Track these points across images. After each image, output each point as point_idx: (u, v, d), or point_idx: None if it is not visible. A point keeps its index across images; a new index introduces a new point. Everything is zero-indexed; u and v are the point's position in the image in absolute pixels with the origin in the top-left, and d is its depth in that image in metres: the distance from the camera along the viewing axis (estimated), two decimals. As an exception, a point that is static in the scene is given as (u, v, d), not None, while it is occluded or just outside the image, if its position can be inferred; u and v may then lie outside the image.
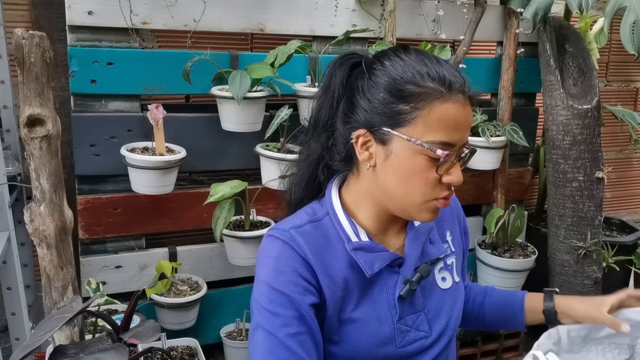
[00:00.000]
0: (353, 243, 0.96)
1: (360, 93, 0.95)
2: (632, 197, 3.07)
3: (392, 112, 0.91)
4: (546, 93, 2.03)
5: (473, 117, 0.93)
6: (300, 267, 0.93)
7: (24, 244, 1.82)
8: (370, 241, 0.98)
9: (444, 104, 0.89)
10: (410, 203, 0.93)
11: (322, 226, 0.98)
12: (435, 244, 1.05)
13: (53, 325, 1.03)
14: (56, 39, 1.75)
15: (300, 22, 1.80)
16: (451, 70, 0.93)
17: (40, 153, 1.09)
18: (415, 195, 0.92)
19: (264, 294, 0.94)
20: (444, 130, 0.89)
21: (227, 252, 1.70)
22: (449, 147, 0.89)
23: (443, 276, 1.06)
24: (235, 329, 1.82)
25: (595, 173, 1.97)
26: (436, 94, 0.89)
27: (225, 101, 1.63)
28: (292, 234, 0.95)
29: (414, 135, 0.89)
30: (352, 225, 0.98)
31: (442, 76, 0.91)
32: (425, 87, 0.90)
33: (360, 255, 0.96)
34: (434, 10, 1.95)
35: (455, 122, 0.90)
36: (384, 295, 0.98)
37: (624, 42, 1.83)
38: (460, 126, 0.91)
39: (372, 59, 0.97)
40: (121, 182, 1.68)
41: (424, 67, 0.92)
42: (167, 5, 1.60)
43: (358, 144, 0.94)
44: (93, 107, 1.64)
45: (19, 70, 1.06)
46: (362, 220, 1.00)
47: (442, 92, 0.89)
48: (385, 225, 1.01)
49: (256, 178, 1.79)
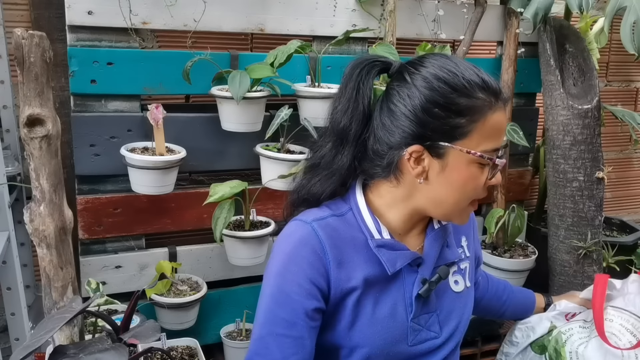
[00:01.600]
0: (376, 240, 0.98)
1: (405, 108, 0.94)
2: (632, 197, 3.07)
3: (449, 126, 0.92)
4: (546, 93, 2.03)
5: None
6: (310, 268, 0.94)
7: (24, 244, 1.82)
8: (392, 239, 0.99)
9: (495, 113, 0.93)
10: (458, 209, 0.97)
11: (346, 221, 0.99)
12: (451, 248, 1.07)
13: (53, 326, 1.03)
14: (56, 39, 1.75)
15: (300, 22, 1.80)
16: (487, 74, 0.95)
17: (40, 153, 1.09)
18: (464, 200, 0.97)
19: (269, 284, 0.97)
20: (495, 137, 0.93)
21: (227, 252, 1.70)
22: (495, 153, 0.94)
23: (456, 279, 1.08)
24: (235, 329, 1.82)
25: (595, 173, 1.96)
26: (488, 105, 0.92)
27: (225, 101, 1.63)
28: (313, 227, 0.96)
29: (470, 146, 0.92)
30: (376, 222, 0.99)
31: (488, 84, 0.93)
32: (477, 99, 0.92)
33: (383, 252, 0.97)
34: (434, 10, 1.95)
35: (502, 128, 0.95)
36: (401, 293, 1.00)
37: (624, 42, 1.83)
38: (503, 132, 0.96)
39: (410, 68, 0.96)
40: (121, 182, 1.67)
41: (468, 77, 0.92)
42: (167, 5, 1.60)
43: (411, 160, 0.95)
44: (93, 107, 1.63)
45: (19, 70, 1.05)
46: (390, 220, 1.01)
47: (491, 101, 0.92)
48: (412, 226, 1.04)
49: (256, 178, 1.79)
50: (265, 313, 0.96)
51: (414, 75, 0.94)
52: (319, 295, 0.94)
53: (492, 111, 0.92)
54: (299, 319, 0.93)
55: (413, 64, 0.97)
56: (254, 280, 1.88)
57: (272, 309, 0.95)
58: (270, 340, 0.93)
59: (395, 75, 0.99)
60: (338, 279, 0.95)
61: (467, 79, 0.92)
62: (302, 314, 0.93)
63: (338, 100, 1.00)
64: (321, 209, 1.01)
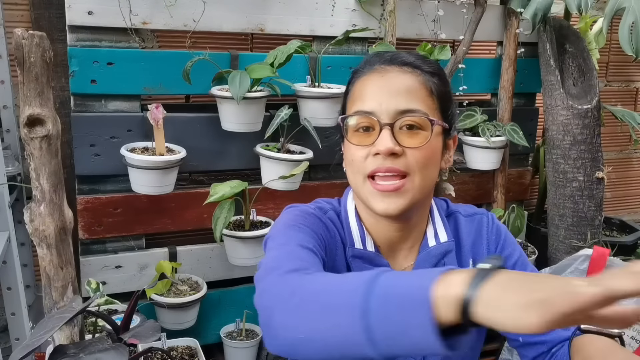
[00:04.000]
0: (355, 249, 0.92)
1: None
2: (632, 197, 3.07)
3: (342, 106, 0.97)
4: (546, 93, 2.03)
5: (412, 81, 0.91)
6: (319, 225, 0.90)
7: (24, 244, 1.82)
8: (374, 252, 0.93)
9: (359, 79, 0.92)
10: (356, 185, 0.90)
11: (339, 220, 0.97)
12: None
13: (53, 325, 1.03)
14: (56, 39, 1.75)
15: (300, 22, 1.80)
16: (386, 52, 0.95)
17: (40, 153, 1.09)
18: (357, 175, 0.89)
19: (279, 228, 0.89)
20: (358, 100, 0.90)
21: (227, 252, 1.70)
22: (368, 117, 0.87)
23: None
24: (235, 329, 1.82)
25: (595, 173, 1.97)
26: (355, 75, 0.93)
27: (225, 101, 1.63)
28: (316, 212, 0.94)
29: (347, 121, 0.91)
30: (361, 229, 0.94)
31: (367, 58, 0.94)
32: (352, 75, 0.95)
33: (357, 264, 0.92)
34: (434, 10, 1.95)
35: (369, 91, 0.89)
36: None
37: (622, 43, 1.83)
38: (375, 93, 0.88)
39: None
40: (121, 182, 1.68)
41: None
42: (167, 5, 1.60)
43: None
44: (93, 107, 1.64)
45: (19, 70, 1.06)
46: (367, 225, 0.95)
47: (357, 70, 0.93)
48: (390, 238, 0.95)
49: (256, 178, 1.79)
50: (281, 235, 0.87)
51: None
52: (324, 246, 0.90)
53: (357, 79, 0.92)
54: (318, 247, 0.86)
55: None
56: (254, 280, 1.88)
57: (288, 233, 0.86)
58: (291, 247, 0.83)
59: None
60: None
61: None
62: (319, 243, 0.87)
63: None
64: (322, 202, 0.99)
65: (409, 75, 0.89)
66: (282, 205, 1.85)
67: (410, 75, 0.89)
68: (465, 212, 1.03)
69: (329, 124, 1.73)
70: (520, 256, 1.01)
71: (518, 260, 1.00)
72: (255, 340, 1.77)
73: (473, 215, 1.02)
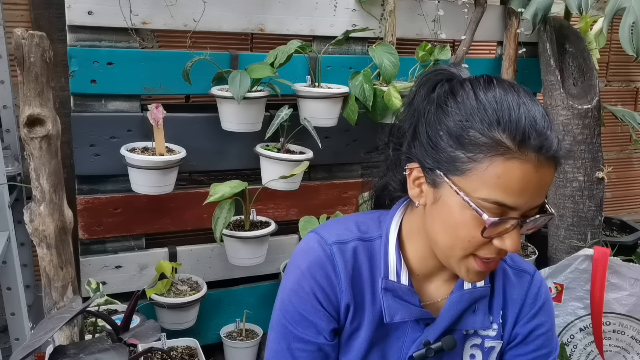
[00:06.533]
0: (388, 282, 0.89)
1: (423, 123, 0.84)
2: (632, 197, 3.07)
3: (448, 156, 0.79)
4: (546, 93, 2.03)
5: (553, 177, 0.80)
6: (321, 293, 0.89)
7: (24, 244, 1.82)
8: (407, 286, 0.89)
9: (508, 162, 0.74)
10: (451, 255, 0.83)
11: (371, 248, 0.91)
12: (478, 315, 0.92)
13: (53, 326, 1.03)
14: (56, 39, 1.74)
15: (300, 22, 1.80)
16: (535, 118, 0.76)
17: (40, 153, 1.09)
18: (458, 249, 0.81)
19: (282, 298, 0.92)
20: (502, 190, 0.75)
21: (227, 252, 1.70)
22: (507, 210, 0.77)
23: (473, 353, 0.94)
24: (235, 329, 1.82)
25: (595, 173, 1.96)
26: (501, 149, 0.75)
27: (225, 101, 1.63)
28: (332, 250, 0.89)
29: (466, 188, 0.77)
30: (399, 260, 0.90)
31: (516, 127, 0.75)
32: (490, 138, 0.75)
33: (388, 297, 0.89)
34: (434, 10, 1.95)
35: (520, 185, 0.75)
36: (398, 345, 0.92)
37: (623, 43, 1.83)
38: (526, 190, 0.76)
39: (449, 88, 0.84)
40: (121, 182, 1.67)
41: (498, 112, 0.76)
42: (167, 5, 1.60)
43: (411, 177, 0.86)
44: (93, 107, 1.63)
45: (19, 70, 1.06)
46: (410, 256, 0.91)
47: (508, 147, 0.74)
48: (431, 271, 0.92)
49: (256, 178, 1.79)
50: (280, 327, 0.91)
51: (447, 96, 0.82)
52: (331, 315, 0.90)
53: (505, 158, 0.74)
54: (315, 337, 0.89)
55: (455, 86, 0.83)
56: (254, 280, 1.88)
57: (285, 325, 0.90)
58: (287, 355, 0.90)
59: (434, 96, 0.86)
60: (345, 313, 0.90)
61: (489, 113, 0.77)
62: (316, 333, 0.89)
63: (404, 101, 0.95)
64: (349, 226, 0.92)
65: (553, 169, 0.79)
66: (282, 205, 1.86)
67: (554, 170, 0.79)
68: (513, 262, 0.99)
69: (329, 124, 1.73)
70: (549, 330, 0.97)
71: (547, 332, 0.97)
72: (255, 340, 1.77)
73: (519, 271, 0.98)
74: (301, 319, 0.89)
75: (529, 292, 0.96)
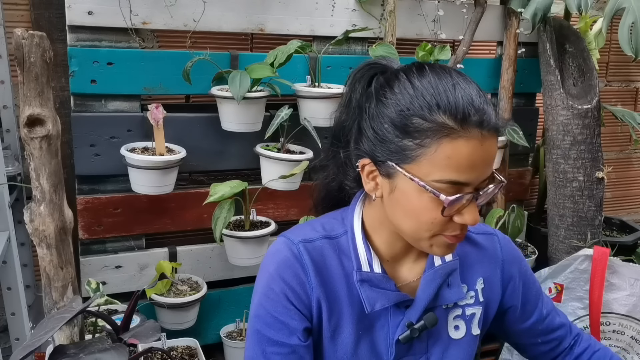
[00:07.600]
0: (362, 273, 0.91)
1: (366, 118, 0.86)
2: (632, 197, 3.07)
3: (396, 147, 0.81)
4: (546, 93, 2.03)
5: (497, 147, 0.84)
6: (292, 292, 0.90)
7: (24, 244, 1.82)
8: (381, 274, 0.92)
9: (454, 141, 0.78)
10: (419, 238, 0.86)
11: (337, 245, 0.93)
12: (452, 288, 0.95)
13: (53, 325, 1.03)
14: (56, 39, 1.75)
15: (300, 22, 1.80)
16: (471, 96, 0.80)
17: (40, 153, 1.09)
18: (423, 231, 0.84)
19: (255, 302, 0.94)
20: (454, 169, 0.78)
21: (227, 252, 1.70)
22: (461, 187, 0.80)
23: (457, 324, 0.98)
24: (235, 329, 1.82)
25: (595, 173, 1.97)
26: (445, 131, 0.78)
27: (225, 101, 1.63)
28: (299, 249, 0.91)
29: (419, 174, 0.80)
30: (368, 251, 0.92)
31: (455, 107, 0.78)
32: (433, 122, 0.78)
33: (365, 288, 0.91)
34: (434, 10, 1.95)
35: (469, 161, 0.78)
36: (384, 332, 0.94)
37: (622, 43, 1.82)
38: (476, 165, 0.79)
39: (384, 80, 0.86)
40: (121, 182, 1.68)
41: (436, 97, 0.79)
42: (167, 5, 1.60)
43: (364, 172, 0.88)
44: (93, 107, 1.64)
45: (19, 70, 1.06)
46: (377, 244, 0.94)
47: (452, 128, 0.78)
48: (400, 253, 0.95)
49: (256, 178, 1.79)
50: (254, 334, 0.92)
51: (383, 89, 0.85)
52: (302, 314, 0.91)
53: (451, 139, 0.77)
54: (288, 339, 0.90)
55: (390, 78, 0.86)
56: (254, 280, 1.87)
57: (259, 330, 0.91)
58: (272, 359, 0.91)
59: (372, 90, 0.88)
60: (318, 310, 0.91)
61: (428, 99, 0.79)
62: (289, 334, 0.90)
63: (339, 106, 0.96)
64: (315, 227, 0.95)
65: (496, 140, 0.83)
66: (282, 205, 1.86)
67: (496, 140, 0.83)
68: (475, 229, 1.02)
69: (329, 124, 1.73)
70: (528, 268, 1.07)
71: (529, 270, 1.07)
72: (255, 340, 1.77)
73: (484, 234, 1.04)
74: (273, 321, 0.90)
75: (503, 249, 1.03)
